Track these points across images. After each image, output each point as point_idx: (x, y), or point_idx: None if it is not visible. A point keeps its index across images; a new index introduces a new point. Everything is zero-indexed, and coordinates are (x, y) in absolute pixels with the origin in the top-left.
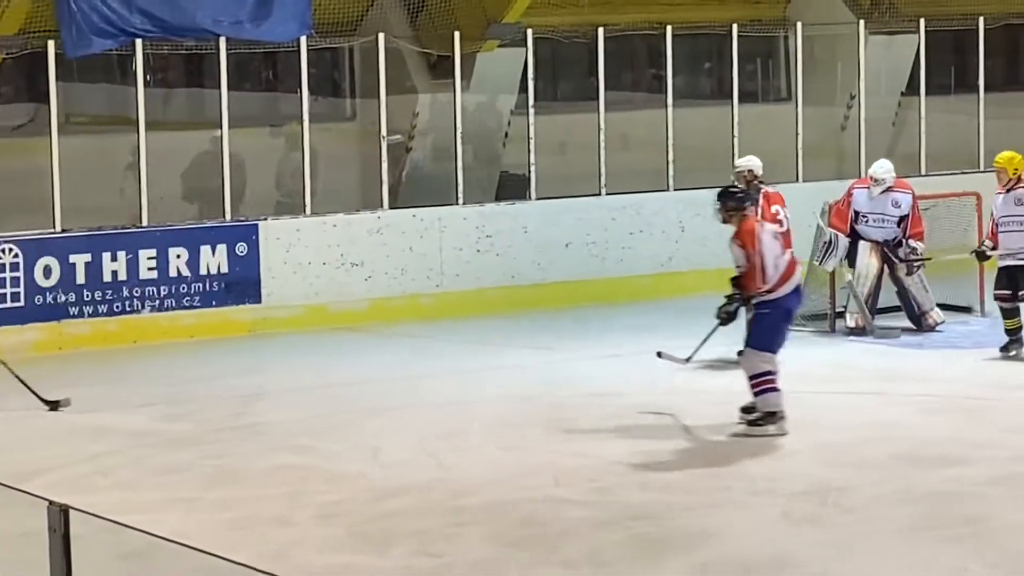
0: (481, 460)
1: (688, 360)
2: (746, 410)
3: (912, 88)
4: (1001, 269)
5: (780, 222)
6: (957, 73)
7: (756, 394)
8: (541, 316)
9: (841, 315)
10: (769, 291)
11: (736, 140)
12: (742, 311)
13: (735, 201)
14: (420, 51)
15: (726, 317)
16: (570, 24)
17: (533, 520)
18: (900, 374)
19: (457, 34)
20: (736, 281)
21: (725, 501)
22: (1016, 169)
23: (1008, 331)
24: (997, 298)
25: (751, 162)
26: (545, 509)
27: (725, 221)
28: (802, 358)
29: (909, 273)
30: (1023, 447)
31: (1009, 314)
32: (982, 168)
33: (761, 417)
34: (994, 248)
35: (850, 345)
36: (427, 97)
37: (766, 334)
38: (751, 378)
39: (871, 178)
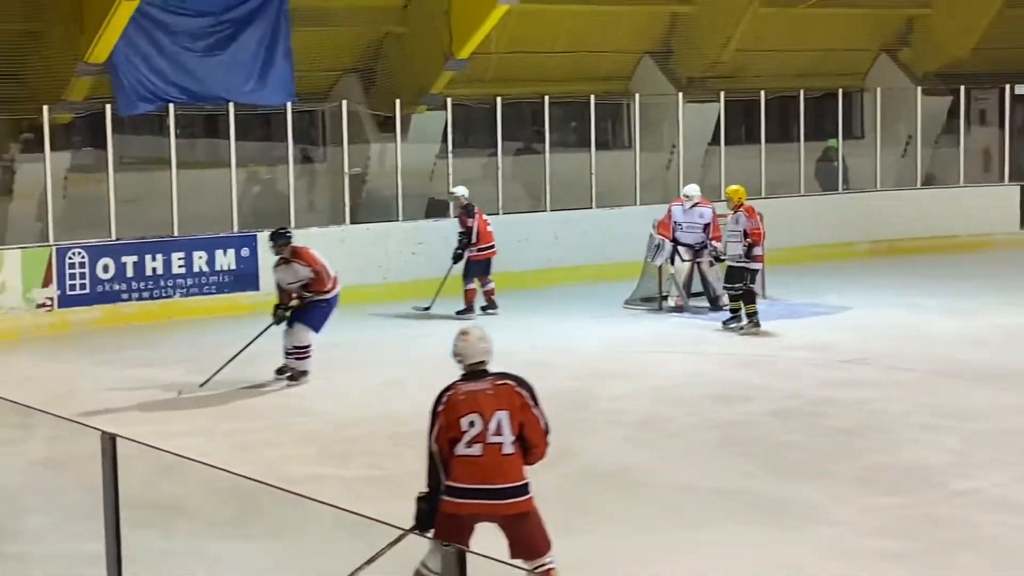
0: (414, 400)
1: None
2: (280, 371)
3: (715, 140)
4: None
5: (490, 234)
6: (747, 130)
7: (297, 359)
8: (457, 300)
9: (665, 298)
10: (328, 291)
11: (594, 176)
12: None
13: (284, 239)
14: (372, 113)
15: (280, 318)
16: (477, 94)
17: None
18: (707, 339)
19: (398, 100)
20: (283, 295)
21: (584, 429)
22: (740, 198)
23: (732, 310)
24: (725, 289)
25: (461, 190)
26: None
27: (278, 254)
28: (638, 329)
29: (713, 264)
30: (792, 389)
31: (734, 299)
32: (763, 195)
33: (295, 375)
34: (725, 253)
35: (672, 319)
36: (377, 146)
37: (317, 319)
38: (296, 347)
39: (684, 197)
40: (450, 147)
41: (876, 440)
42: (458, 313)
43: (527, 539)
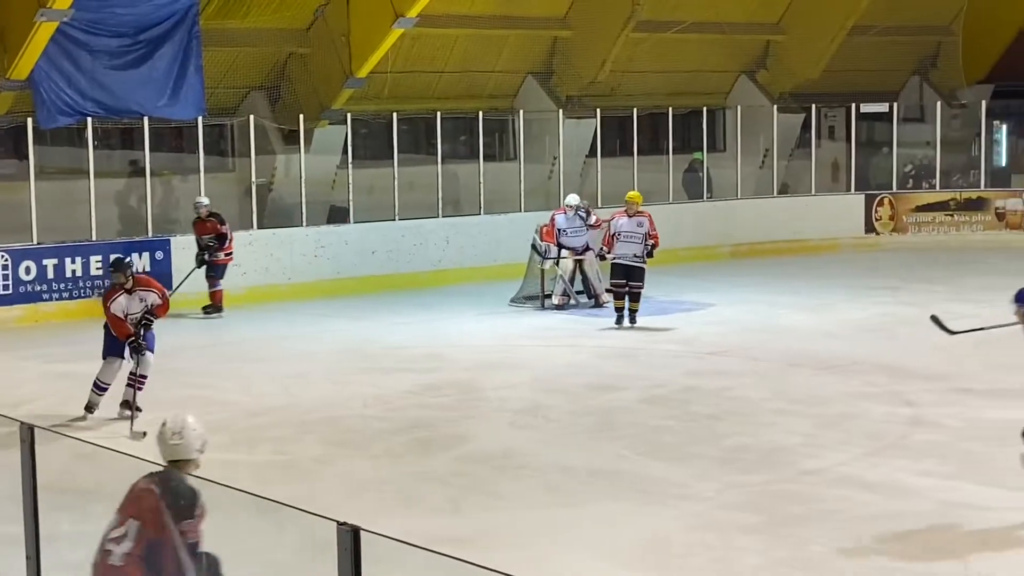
0: (317, 391)
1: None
2: (125, 404)
3: (592, 153)
4: (615, 266)
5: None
6: (620, 143)
7: (139, 389)
8: (357, 299)
9: (548, 296)
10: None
11: (482, 186)
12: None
13: (125, 266)
14: (277, 127)
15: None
16: (375, 110)
17: (351, 430)
18: (586, 333)
19: (302, 116)
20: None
21: (474, 415)
22: (637, 204)
23: (618, 310)
24: (612, 286)
25: (204, 200)
26: (359, 422)
27: (122, 283)
28: (522, 324)
29: (603, 259)
30: (661, 378)
31: (620, 297)
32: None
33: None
34: (610, 252)
35: (555, 316)
36: (282, 157)
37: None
38: (144, 376)
39: (566, 206)
40: (350, 159)
41: (736, 424)
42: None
43: None
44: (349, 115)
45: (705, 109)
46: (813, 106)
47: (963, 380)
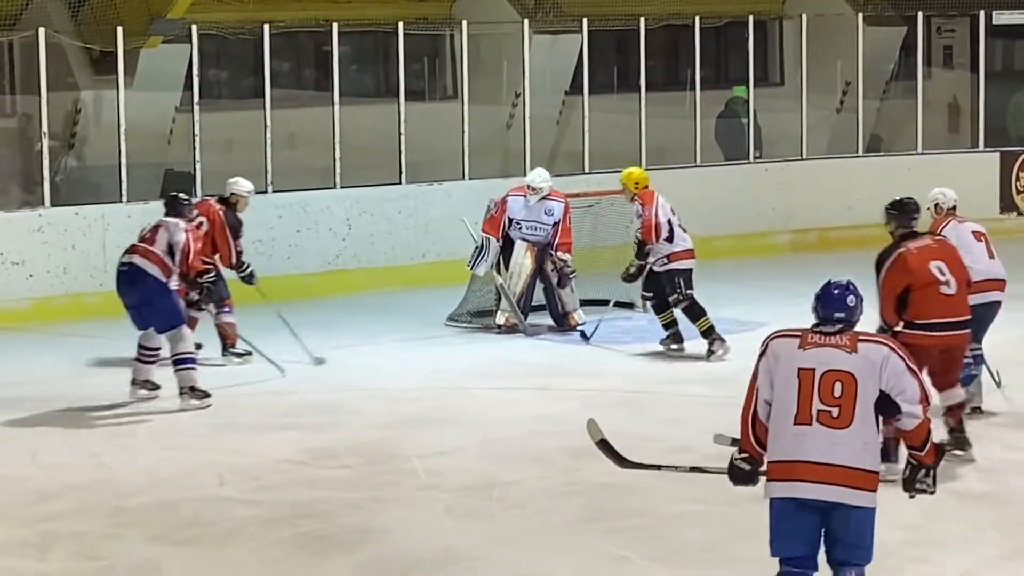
0: (145, 460)
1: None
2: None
3: (576, 87)
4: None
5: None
6: (619, 73)
7: (181, 370)
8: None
9: (493, 313)
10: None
11: (403, 138)
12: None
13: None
14: (82, 46)
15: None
16: (235, 20)
17: (198, 520)
18: (563, 369)
19: (120, 29)
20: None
21: (390, 497)
22: (638, 184)
23: (665, 325)
24: (644, 297)
25: None
26: (210, 509)
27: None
28: (467, 354)
29: (561, 286)
30: (680, 438)
31: (661, 309)
32: (644, 165)
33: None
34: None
35: (514, 342)
36: (90, 94)
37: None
38: (180, 354)
39: (528, 187)
40: (195, 97)
41: None
42: None
43: None
44: (195, 28)
45: (752, 19)
46: (919, 15)
47: None
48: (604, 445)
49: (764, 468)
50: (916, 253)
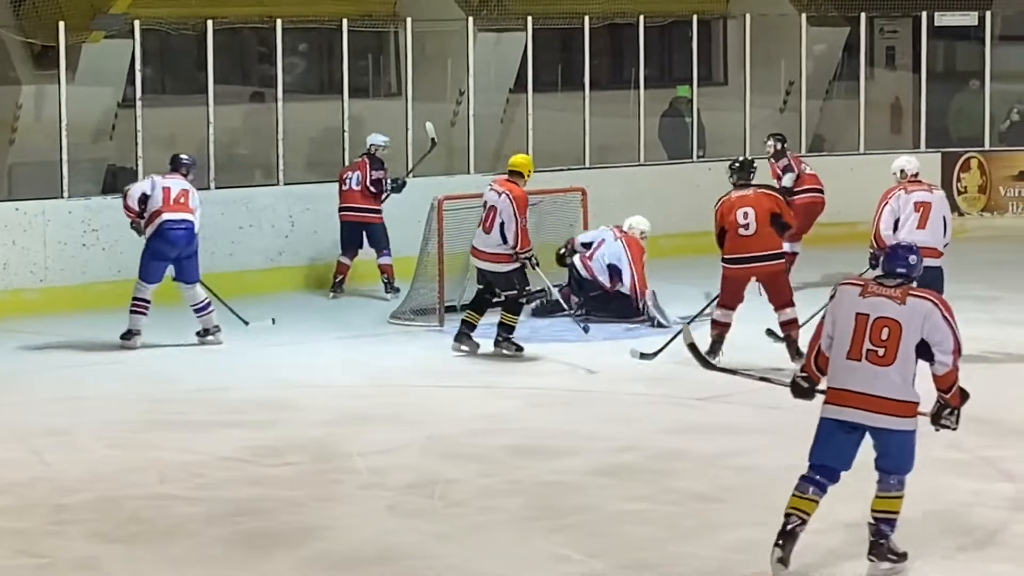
0: (86, 457)
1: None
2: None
3: (520, 85)
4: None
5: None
6: (564, 71)
7: (206, 315)
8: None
9: (453, 308)
10: None
11: (347, 135)
12: None
13: None
14: (23, 40)
15: None
16: (179, 16)
17: (139, 517)
18: (508, 368)
19: (62, 24)
20: None
21: (333, 495)
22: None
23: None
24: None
25: None
26: (151, 506)
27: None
28: (411, 352)
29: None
30: (624, 437)
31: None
32: (587, 164)
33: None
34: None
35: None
36: (31, 88)
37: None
38: (201, 302)
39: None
40: (138, 92)
41: (744, 510)
42: None
43: None
44: (138, 23)
45: (695, 19)
46: (862, 16)
47: None
48: (693, 348)
49: (821, 387)
50: (730, 202)
